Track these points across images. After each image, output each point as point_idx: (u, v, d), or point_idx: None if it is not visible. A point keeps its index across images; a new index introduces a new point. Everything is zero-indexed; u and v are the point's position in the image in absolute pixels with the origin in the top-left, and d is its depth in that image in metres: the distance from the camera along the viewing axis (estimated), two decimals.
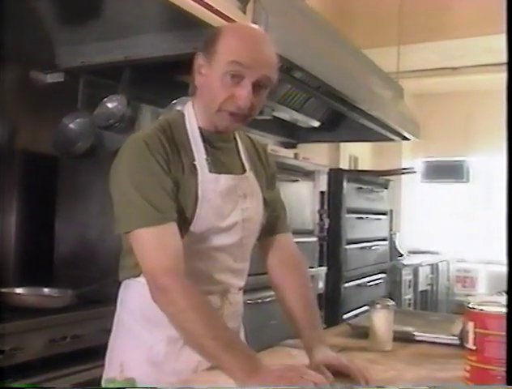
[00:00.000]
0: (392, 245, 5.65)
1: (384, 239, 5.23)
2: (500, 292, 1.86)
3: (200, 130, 1.51)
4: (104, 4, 2.37)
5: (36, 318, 2.01)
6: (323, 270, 3.95)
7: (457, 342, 1.78)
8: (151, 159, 1.40)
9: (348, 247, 4.34)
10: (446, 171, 7.42)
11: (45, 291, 2.32)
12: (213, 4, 2.11)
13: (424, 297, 6.16)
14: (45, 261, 2.64)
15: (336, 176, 4.29)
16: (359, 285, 4.51)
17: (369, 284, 4.71)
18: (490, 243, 6.64)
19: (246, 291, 1.67)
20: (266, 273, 1.68)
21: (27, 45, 2.55)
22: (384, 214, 5.25)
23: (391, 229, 5.60)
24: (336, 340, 1.82)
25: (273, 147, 4.45)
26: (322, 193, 3.97)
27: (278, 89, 3.33)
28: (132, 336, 1.53)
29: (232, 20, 2.17)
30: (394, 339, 1.78)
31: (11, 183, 2.66)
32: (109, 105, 2.66)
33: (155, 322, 1.45)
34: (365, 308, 2.12)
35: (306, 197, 3.79)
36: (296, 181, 3.55)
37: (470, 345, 1.34)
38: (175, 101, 2.59)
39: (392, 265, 5.47)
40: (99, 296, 2.18)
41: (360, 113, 3.86)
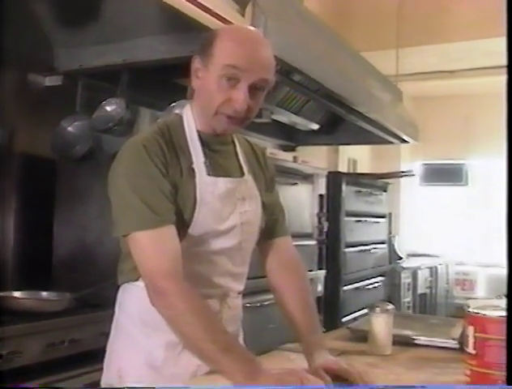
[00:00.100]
0: (391, 248, 5.65)
1: (383, 242, 5.23)
2: (499, 295, 1.86)
3: (198, 133, 1.51)
4: (102, 7, 2.37)
5: (34, 322, 2.00)
6: (322, 273, 3.94)
7: (456, 346, 1.77)
8: (150, 162, 1.40)
9: (347, 250, 4.34)
10: (445, 174, 7.41)
11: (43, 294, 2.31)
12: (212, 7, 2.11)
13: (423, 300, 6.15)
14: (44, 264, 2.63)
15: (335, 179, 4.28)
16: (358, 288, 4.50)
17: (368, 287, 4.70)
18: (489, 246, 6.65)
19: (245, 294, 1.66)
20: (264, 276, 1.68)
21: (25, 48, 2.55)
22: (383, 217, 5.25)
23: (390, 232, 5.61)
24: (335, 344, 1.82)
25: (272, 150, 4.44)
26: (321, 196, 3.98)
27: (276, 92, 3.33)
28: (130, 341, 1.52)
29: (230, 23, 2.17)
30: (393, 343, 1.77)
31: (10, 186, 2.65)
32: (108, 108, 2.66)
33: (153, 326, 1.45)
34: (364, 311, 2.12)
35: (305, 200, 3.79)
36: (294, 184, 3.55)
37: (470, 349, 1.34)
38: (173, 104, 2.58)
39: (391, 268, 5.47)
40: (97, 299, 2.17)
41: (358, 116, 3.85)
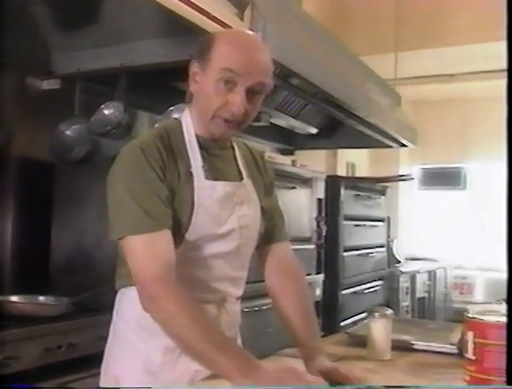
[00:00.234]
0: (389, 252, 5.64)
1: (381, 246, 5.22)
2: (499, 300, 1.85)
3: (197, 138, 1.51)
4: (100, 10, 2.37)
5: (32, 327, 1.98)
6: (321, 277, 3.94)
7: (455, 351, 1.77)
8: (147, 166, 1.40)
9: (346, 254, 4.32)
10: (444, 178, 7.41)
11: (41, 299, 2.30)
12: (210, 11, 2.11)
13: (421, 304, 6.14)
14: (41, 268, 2.62)
15: (334, 183, 4.28)
16: (356, 292, 4.49)
17: (367, 292, 4.69)
18: (488, 250, 6.64)
19: (243, 299, 1.65)
20: (262, 281, 1.67)
21: (23, 52, 2.55)
22: (381, 221, 5.24)
23: (389, 236, 5.60)
24: (334, 349, 1.81)
25: (270, 154, 4.44)
26: (320, 200, 3.97)
27: (275, 96, 3.33)
28: (128, 345, 1.51)
29: (229, 27, 2.17)
30: (392, 348, 1.77)
31: (7, 189, 2.65)
32: (106, 112, 2.65)
33: (151, 331, 1.44)
34: (363, 315, 2.11)
35: (304, 204, 3.78)
36: (293, 188, 3.54)
37: (469, 355, 1.33)
38: (172, 108, 2.58)
39: (390, 272, 5.46)
40: (95, 304, 2.16)
41: (357, 120, 3.85)
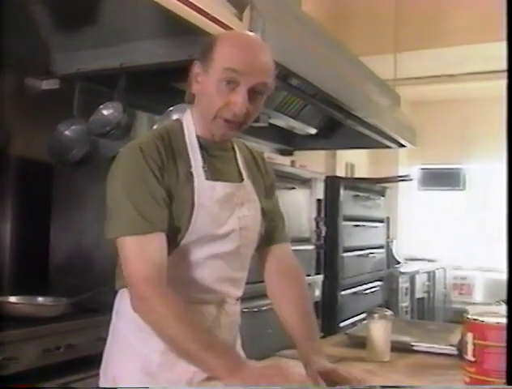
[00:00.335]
0: (389, 252, 5.63)
1: (381, 247, 5.22)
2: (499, 301, 1.85)
3: (198, 138, 1.51)
4: (99, 11, 2.36)
5: (31, 327, 1.98)
6: (320, 278, 3.93)
7: (455, 352, 1.76)
8: (145, 166, 1.40)
9: (345, 255, 4.32)
10: (443, 178, 7.41)
11: (40, 300, 2.29)
12: (209, 11, 2.10)
13: (420, 305, 6.14)
14: (40, 269, 2.62)
15: (333, 183, 4.27)
16: (356, 293, 4.48)
17: (366, 292, 4.68)
18: (487, 250, 6.64)
19: (243, 299, 1.65)
20: (262, 281, 1.67)
21: (22, 52, 2.54)
22: (381, 221, 5.24)
23: (388, 237, 5.60)
24: (334, 351, 1.81)
25: (269, 155, 4.44)
26: (319, 200, 3.97)
27: (274, 96, 3.32)
28: (127, 346, 1.51)
29: (228, 27, 2.17)
30: (392, 349, 1.76)
31: (6, 190, 2.64)
32: (105, 112, 2.64)
33: (150, 331, 1.42)
34: (362, 316, 2.11)
35: (303, 204, 3.78)
36: (292, 188, 3.54)
37: (469, 357, 1.33)
38: (171, 108, 2.57)
39: (389, 273, 5.46)
40: (94, 304, 2.15)
41: (356, 121, 3.85)
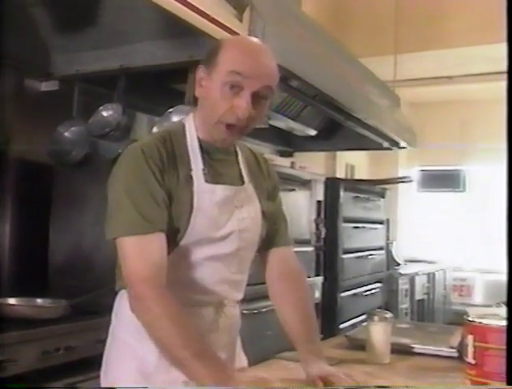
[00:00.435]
0: (389, 254, 5.64)
1: (380, 248, 5.22)
2: (499, 303, 1.84)
3: (199, 142, 1.50)
4: (99, 12, 2.36)
5: (30, 329, 1.96)
6: (320, 279, 3.93)
7: (455, 354, 1.76)
8: (146, 168, 1.40)
9: (345, 256, 4.32)
10: (443, 180, 7.41)
11: (39, 301, 2.28)
12: (209, 12, 2.10)
13: (420, 306, 6.14)
14: (40, 270, 2.62)
15: (333, 185, 4.27)
16: (355, 295, 4.48)
17: (366, 294, 4.68)
18: (487, 252, 6.64)
19: (242, 301, 1.64)
20: (261, 283, 1.66)
21: (21, 53, 2.54)
22: (380, 223, 5.24)
23: (388, 238, 5.60)
24: (333, 353, 1.81)
25: (269, 156, 4.42)
26: (319, 202, 3.97)
27: (274, 98, 3.32)
28: (125, 348, 1.51)
29: (228, 28, 2.16)
30: (392, 351, 1.76)
31: (6, 191, 2.64)
32: (104, 114, 2.64)
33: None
34: (362, 317, 2.10)
35: (303, 206, 3.78)
36: (292, 190, 3.54)
37: (469, 359, 1.32)
38: (171, 110, 2.56)
39: (389, 274, 5.46)
40: (94, 306, 2.15)
41: (356, 122, 3.84)
